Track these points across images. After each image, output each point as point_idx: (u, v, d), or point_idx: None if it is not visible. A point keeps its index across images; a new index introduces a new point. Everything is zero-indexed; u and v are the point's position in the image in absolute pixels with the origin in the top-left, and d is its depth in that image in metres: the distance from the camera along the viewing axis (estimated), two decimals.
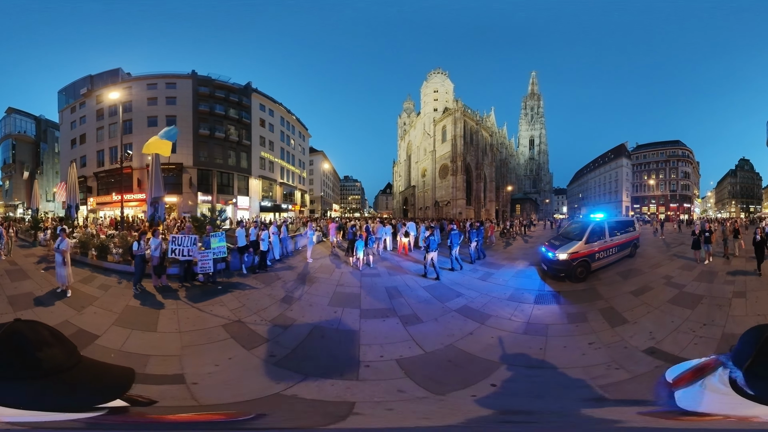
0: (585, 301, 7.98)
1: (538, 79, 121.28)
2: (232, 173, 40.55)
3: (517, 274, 11.14)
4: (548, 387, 4.41)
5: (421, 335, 6.24)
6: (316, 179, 74.08)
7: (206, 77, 39.51)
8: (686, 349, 5.23)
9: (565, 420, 1.51)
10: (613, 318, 6.74)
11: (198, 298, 8.00)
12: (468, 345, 5.87)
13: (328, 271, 11.44)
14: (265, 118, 46.33)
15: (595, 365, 4.95)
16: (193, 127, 37.14)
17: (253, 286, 9.22)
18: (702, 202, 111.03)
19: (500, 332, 6.41)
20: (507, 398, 4.09)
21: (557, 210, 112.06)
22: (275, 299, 8.12)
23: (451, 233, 12.32)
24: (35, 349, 0.87)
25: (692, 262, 11.61)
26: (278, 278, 10.21)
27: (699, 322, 6.26)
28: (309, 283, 9.81)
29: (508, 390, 4.29)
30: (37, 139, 57.94)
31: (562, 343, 5.81)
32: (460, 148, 71.85)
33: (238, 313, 7.12)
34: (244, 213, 39.27)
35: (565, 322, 6.75)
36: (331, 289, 9.09)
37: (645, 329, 6.02)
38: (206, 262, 9.10)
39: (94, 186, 39.08)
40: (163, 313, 7.04)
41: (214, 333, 6.12)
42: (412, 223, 18.23)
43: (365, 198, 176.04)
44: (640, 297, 8.04)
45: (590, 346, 5.56)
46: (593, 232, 10.83)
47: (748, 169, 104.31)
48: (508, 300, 8.43)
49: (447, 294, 8.85)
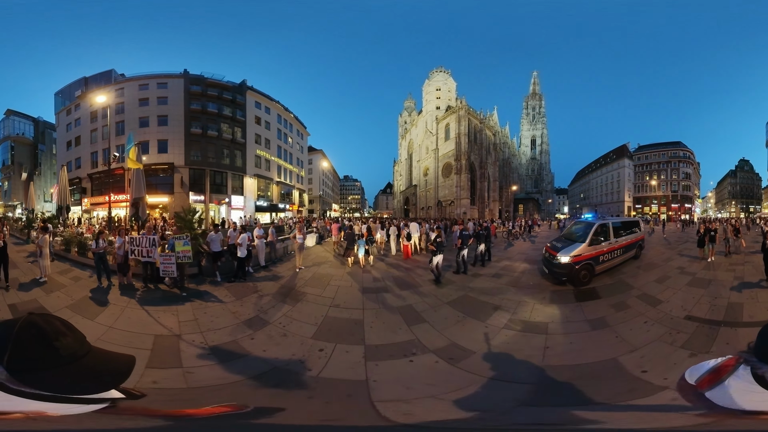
0: (619, 292, 8.72)
1: (539, 79, 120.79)
2: (225, 172, 39.75)
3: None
4: (658, 360, 4.98)
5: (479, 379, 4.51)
6: (315, 178, 73.12)
7: (198, 76, 38.87)
8: (709, 311, 6.93)
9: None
10: (651, 300, 7.85)
11: (151, 302, 7.75)
12: (561, 372, 4.57)
13: (320, 283, 9.55)
14: (261, 115, 45.21)
15: (663, 334, 5.85)
16: (185, 127, 36.78)
17: (219, 299, 8.06)
18: (702, 202, 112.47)
19: (572, 336, 6.09)
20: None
21: (558, 210, 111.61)
22: (239, 319, 6.77)
23: (462, 234, 11.42)
24: (53, 339, 0.91)
25: (697, 259, 12.45)
26: (255, 291, 8.76)
27: (712, 296, 7.95)
28: (292, 300, 7.99)
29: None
30: (35, 140, 58.38)
31: (627, 328, 6.29)
32: (464, 147, 70.73)
33: (184, 326, 6.34)
34: (239, 213, 38.57)
35: (613, 312, 7.26)
36: (320, 312, 7.20)
37: (677, 305, 7.42)
38: (169, 265, 8.69)
39: (88, 187, 39.21)
40: (109, 308, 7.24)
41: (139, 340, 5.62)
42: (416, 223, 17.21)
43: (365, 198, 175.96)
44: (664, 283, 9.40)
45: (645, 324, 6.44)
46: (597, 233, 10.24)
47: (747, 170, 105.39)
48: (549, 302, 8.19)
49: (481, 308, 7.53)
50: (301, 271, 11.07)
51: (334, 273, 11.06)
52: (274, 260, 13.02)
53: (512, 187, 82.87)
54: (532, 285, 9.70)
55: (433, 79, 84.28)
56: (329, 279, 10.23)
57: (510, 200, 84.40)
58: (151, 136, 36.48)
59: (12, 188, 55.18)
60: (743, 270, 10.52)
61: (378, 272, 11.25)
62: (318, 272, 11.09)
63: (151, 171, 35.99)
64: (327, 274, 10.93)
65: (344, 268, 11.66)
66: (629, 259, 11.91)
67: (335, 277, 10.43)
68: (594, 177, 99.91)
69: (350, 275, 10.76)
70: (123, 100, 37.49)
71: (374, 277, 10.47)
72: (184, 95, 37.38)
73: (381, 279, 10.31)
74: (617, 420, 1.41)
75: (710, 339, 5.61)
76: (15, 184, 55.10)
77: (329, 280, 10.12)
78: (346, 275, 10.75)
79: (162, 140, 36.37)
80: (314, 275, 10.65)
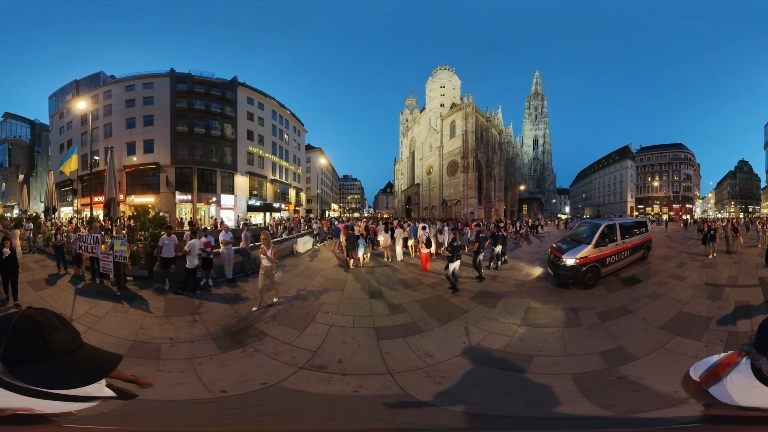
0: (654, 275, 10.25)
1: (542, 79, 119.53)
2: (214, 170, 38.45)
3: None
4: (700, 303, 7.52)
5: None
6: (314, 177, 71.29)
7: (186, 74, 38.19)
8: (717, 280, 9.34)
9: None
10: (679, 278, 9.91)
11: (87, 293, 8.29)
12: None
13: (296, 323, 6.41)
14: (253, 111, 43.54)
15: (695, 293, 8.23)
16: (171, 125, 36.35)
17: (148, 309, 7.18)
18: (702, 203, 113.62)
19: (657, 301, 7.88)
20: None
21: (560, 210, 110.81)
22: (139, 337, 5.72)
23: (479, 236, 10.82)
24: (46, 333, 0.93)
25: (701, 255, 13.66)
26: (192, 312, 7.10)
27: (717, 273, 10.29)
28: (235, 342, 5.62)
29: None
30: (31, 142, 59.05)
31: (673, 293, 8.40)
32: (472, 144, 68.23)
33: (85, 319, 6.42)
34: (229, 212, 37.60)
35: (658, 287, 8.92)
36: (281, 374, 4.45)
37: (697, 278, 9.66)
38: (107, 263, 9.02)
39: (79, 188, 39.34)
40: (53, 288, 8.70)
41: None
42: (425, 225, 15.57)
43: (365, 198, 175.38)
44: (683, 267, 11.44)
45: (683, 290, 8.61)
46: (603, 234, 9.91)
47: (747, 171, 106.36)
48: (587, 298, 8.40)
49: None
50: (272, 305, 7.56)
51: (327, 300, 7.97)
52: (249, 272, 10.78)
53: (520, 186, 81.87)
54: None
55: (437, 76, 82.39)
56: (317, 308, 7.31)
57: (515, 200, 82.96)
58: (137, 136, 36.44)
59: (9, 190, 55.84)
60: (739, 258, 12.67)
61: (394, 295, 8.50)
62: (298, 308, 7.41)
63: (139, 172, 36.05)
64: (314, 300, 7.97)
65: (343, 290, 8.97)
66: (637, 260, 11.61)
67: (327, 305, 7.53)
68: (596, 177, 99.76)
69: (351, 300, 8.04)
70: (110, 102, 37.52)
71: (390, 304, 7.74)
72: (170, 94, 37.01)
73: (399, 308, 7.46)
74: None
75: (720, 294, 8.03)
76: (12, 186, 55.79)
77: (317, 310, 7.23)
78: (345, 301, 7.92)
79: (148, 140, 36.18)
80: (291, 310, 7.27)
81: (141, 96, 37.03)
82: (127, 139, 36.60)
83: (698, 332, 5.93)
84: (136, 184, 36.15)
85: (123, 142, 36.41)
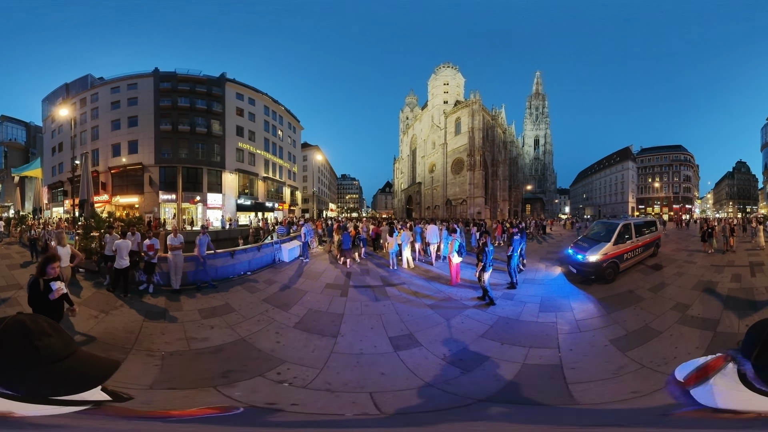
0: (673, 262, 12.26)
1: (542, 79, 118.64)
2: (200, 168, 37.17)
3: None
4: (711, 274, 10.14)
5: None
6: (310, 176, 68.63)
7: (170, 73, 37.80)
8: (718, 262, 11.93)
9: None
10: (691, 262, 12.27)
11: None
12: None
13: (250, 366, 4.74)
14: (243, 107, 41.93)
15: (707, 268, 11.00)
16: (155, 125, 36.15)
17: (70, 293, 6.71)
18: (701, 203, 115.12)
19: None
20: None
21: (560, 210, 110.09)
22: None
23: (512, 239, 10.32)
24: (36, 339, 0.90)
25: (701, 251, 14.86)
26: (103, 310, 6.77)
27: (719, 258, 12.82)
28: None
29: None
30: (27, 145, 59.71)
31: (692, 272, 10.48)
32: (478, 142, 65.86)
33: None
34: (216, 212, 36.67)
35: (678, 269, 11.03)
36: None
37: (705, 261, 12.25)
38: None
39: (69, 190, 39.36)
40: (22, 271, 10.39)
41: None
42: (435, 227, 14.13)
43: (363, 197, 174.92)
44: (692, 256, 13.52)
45: (699, 269, 11.06)
46: (621, 233, 10.86)
47: (744, 171, 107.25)
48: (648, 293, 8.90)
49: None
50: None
51: (295, 372, 4.59)
52: (201, 285, 9.10)
53: (527, 186, 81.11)
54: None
55: (440, 74, 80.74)
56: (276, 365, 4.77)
57: (518, 200, 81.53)
58: (122, 138, 36.51)
59: (5, 191, 56.58)
60: (735, 250, 14.73)
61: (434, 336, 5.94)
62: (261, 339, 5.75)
63: (125, 172, 36.02)
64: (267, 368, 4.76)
65: (336, 335, 6.01)
66: (648, 257, 12.44)
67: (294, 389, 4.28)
68: (597, 178, 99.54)
69: (354, 364, 4.90)
70: (97, 105, 37.70)
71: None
72: (155, 93, 36.92)
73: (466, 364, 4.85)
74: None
75: (722, 267, 10.75)
76: (8, 187, 56.64)
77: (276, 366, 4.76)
78: (341, 368, 4.72)
79: (132, 141, 36.20)
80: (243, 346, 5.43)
81: (126, 97, 37.10)
82: (113, 140, 36.72)
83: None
84: (123, 184, 36.27)
85: (109, 144, 36.62)
